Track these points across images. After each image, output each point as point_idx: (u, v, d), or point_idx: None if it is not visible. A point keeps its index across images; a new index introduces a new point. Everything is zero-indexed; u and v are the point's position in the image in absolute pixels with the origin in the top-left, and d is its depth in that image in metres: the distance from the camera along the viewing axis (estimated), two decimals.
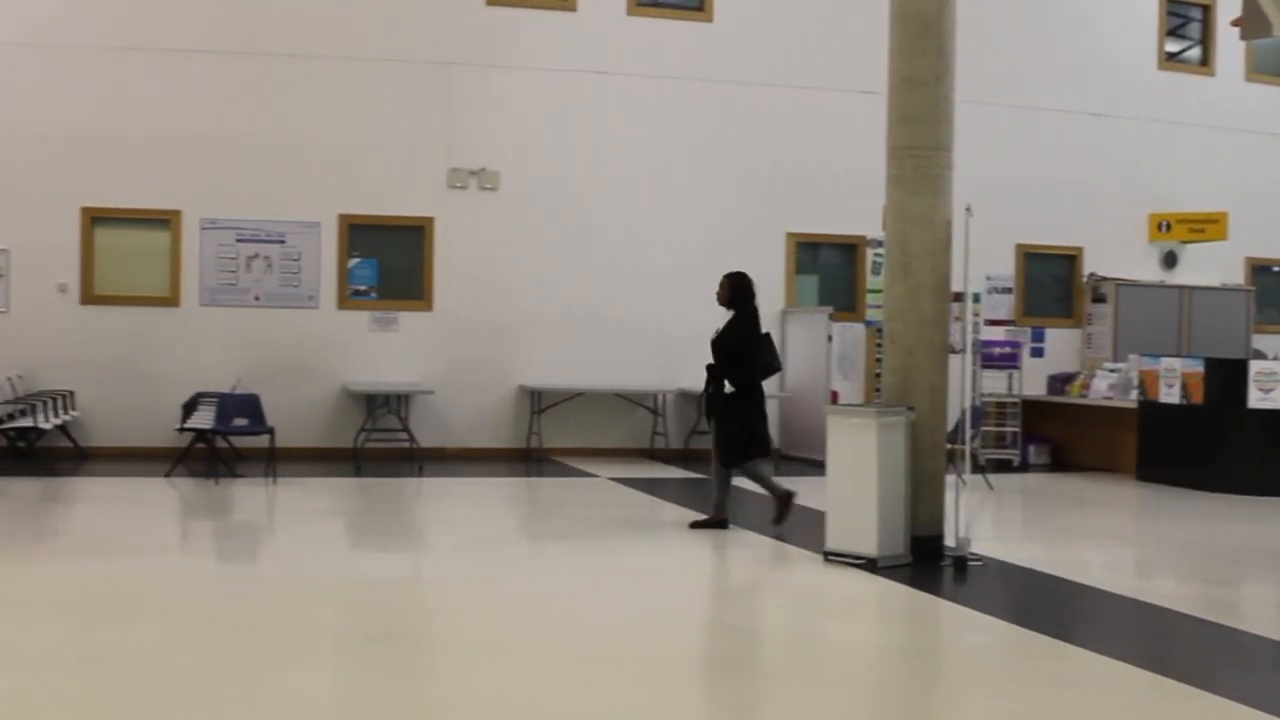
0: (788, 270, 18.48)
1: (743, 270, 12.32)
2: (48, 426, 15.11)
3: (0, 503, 13.21)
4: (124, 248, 16.81)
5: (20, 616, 8.39)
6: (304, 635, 8.00)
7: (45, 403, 15.45)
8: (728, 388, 11.67)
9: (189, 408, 15.83)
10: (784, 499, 11.93)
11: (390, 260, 17.34)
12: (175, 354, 16.66)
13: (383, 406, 16.73)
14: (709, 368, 11.82)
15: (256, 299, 16.89)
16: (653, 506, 13.74)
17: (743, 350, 11.73)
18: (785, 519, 11.89)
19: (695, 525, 11.92)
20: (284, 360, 16.78)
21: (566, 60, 17.73)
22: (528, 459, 17.16)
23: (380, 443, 16.55)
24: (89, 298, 16.62)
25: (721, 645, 8.16)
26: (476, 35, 17.47)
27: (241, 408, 14.85)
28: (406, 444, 16.41)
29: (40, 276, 16.49)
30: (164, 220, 16.75)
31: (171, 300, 16.71)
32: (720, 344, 11.82)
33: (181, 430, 15.27)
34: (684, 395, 17.73)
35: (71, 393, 16.37)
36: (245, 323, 16.82)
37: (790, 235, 18.48)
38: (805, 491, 12.12)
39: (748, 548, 11.34)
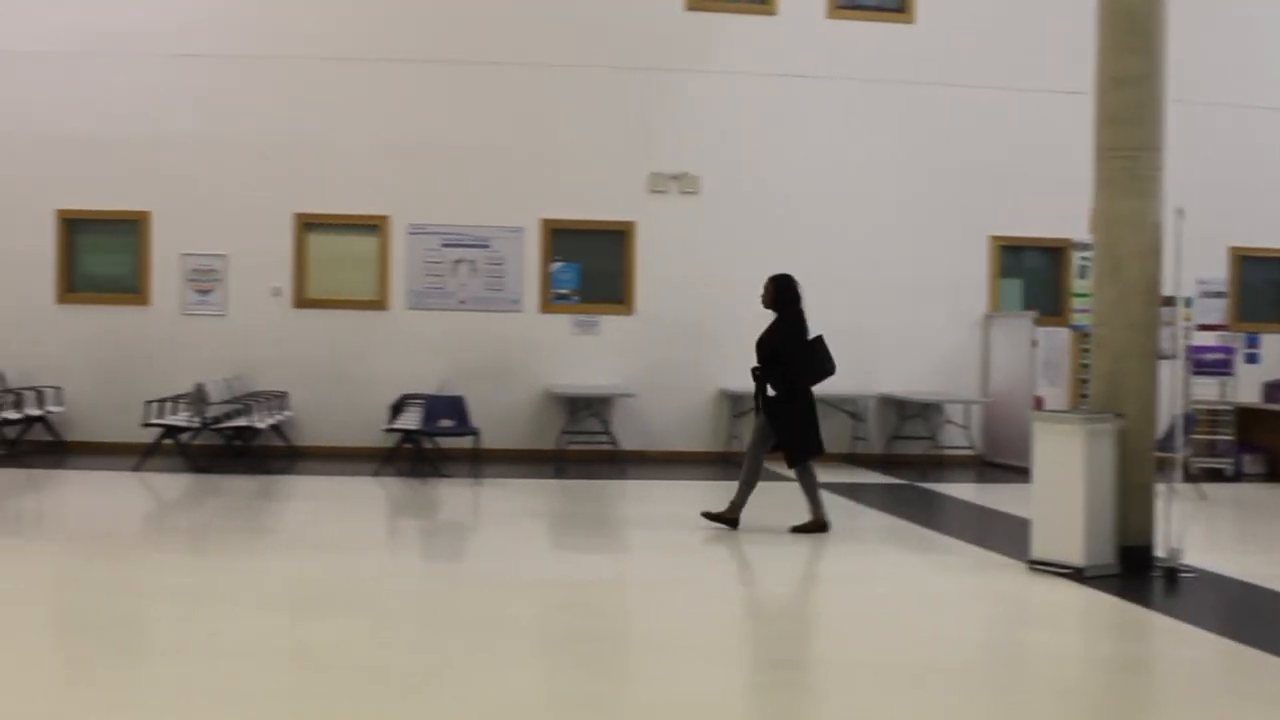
0: (990, 274, 18.19)
1: (788, 273, 12.35)
2: (262, 426, 15.59)
3: (217, 499, 13.68)
4: (335, 253, 17.27)
5: (235, 609, 8.66)
6: (507, 634, 8.12)
7: (260, 403, 15.95)
8: (770, 391, 11.67)
9: (396, 409, 16.18)
10: (819, 522, 11.71)
11: (592, 264, 17.50)
12: (383, 356, 17.05)
13: (584, 409, 16.90)
14: (753, 370, 11.82)
15: (462, 302, 17.19)
16: (853, 512, 13.64)
17: (783, 353, 11.69)
18: (804, 532, 11.65)
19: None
20: (488, 363, 17.05)
21: (766, 64, 17.70)
22: (727, 463, 17.15)
23: (582, 445, 16.72)
24: (302, 301, 17.10)
25: (926, 652, 8.06)
26: (676, 40, 17.55)
27: (447, 409, 15.14)
28: (608, 446, 16.55)
29: (256, 281, 17.02)
30: (373, 226, 17.16)
31: (380, 304, 17.10)
32: (762, 346, 11.83)
33: (389, 431, 15.61)
34: (884, 400, 17.58)
35: (285, 393, 16.86)
36: (450, 326, 17.13)
37: (993, 238, 18.18)
38: (1008, 499, 11.91)
39: (949, 554, 11.21)
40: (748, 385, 17.15)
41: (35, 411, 16.42)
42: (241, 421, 15.41)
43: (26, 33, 17.06)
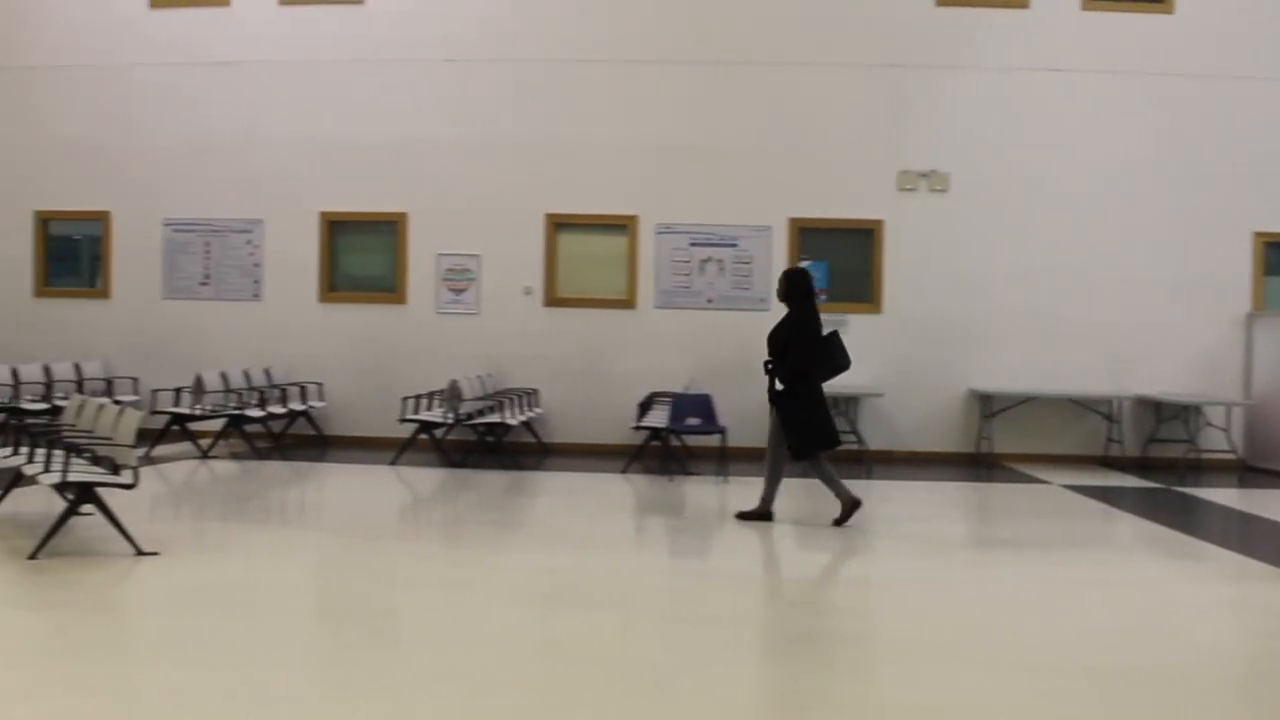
0: (1255, 271, 17.53)
1: (801, 267, 12.49)
2: (514, 422, 15.91)
3: (470, 494, 14.01)
4: (584, 252, 17.53)
5: (487, 601, 8.86)
6: (751, 631, 8.14)
7: (512, 400, 16.28)
8: (778, 385, 11.80)
9: (644, 407, 16.35)
10: (849, 505, 11.90)
11: (840, 262, 17.42)
12: (631, 354, 17.24)
13: (832, 408, 16.78)
14: (765, 363, 11.94)
15: (709, 301, 17.28)
16: (1107, 516, 13.31)
17: (791, 347, 11.75)
18: (843, 522, 11.85)
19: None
20: (735, 361, 17.10)
21: (1018, 58, 17.37)
22: (976, 464, 16.91)
23: None
24: (552, 300, 17.41)
25: (1180, 661, 7.82)
26: (926, 36, 17.34)
27: (694, 407, 15.23)
28: (854, 446, 16.45)
29: (508, 280, 17.39)
30: (622, 226, 17.36)
31: (628, 303, 17.30)
32: (773, 340, 11.92)
33: (637, 428, 15.78)
34: (1140, 401, 17.10)
35: (535, 390, 17.18)
36: (698, 324, 17.24)
37: (1258, 235, 17.50)
38: (1273, 506, 11.46)
39: (1208, 562, 10.85)
40: (999, 385, 17.00)
41: (299, 407, 17.07)
42: (494, 418, 15.75)
43: (295, 43, 17.75)
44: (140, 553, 9.70)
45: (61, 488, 9.93)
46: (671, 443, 15.68)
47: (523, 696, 6.63)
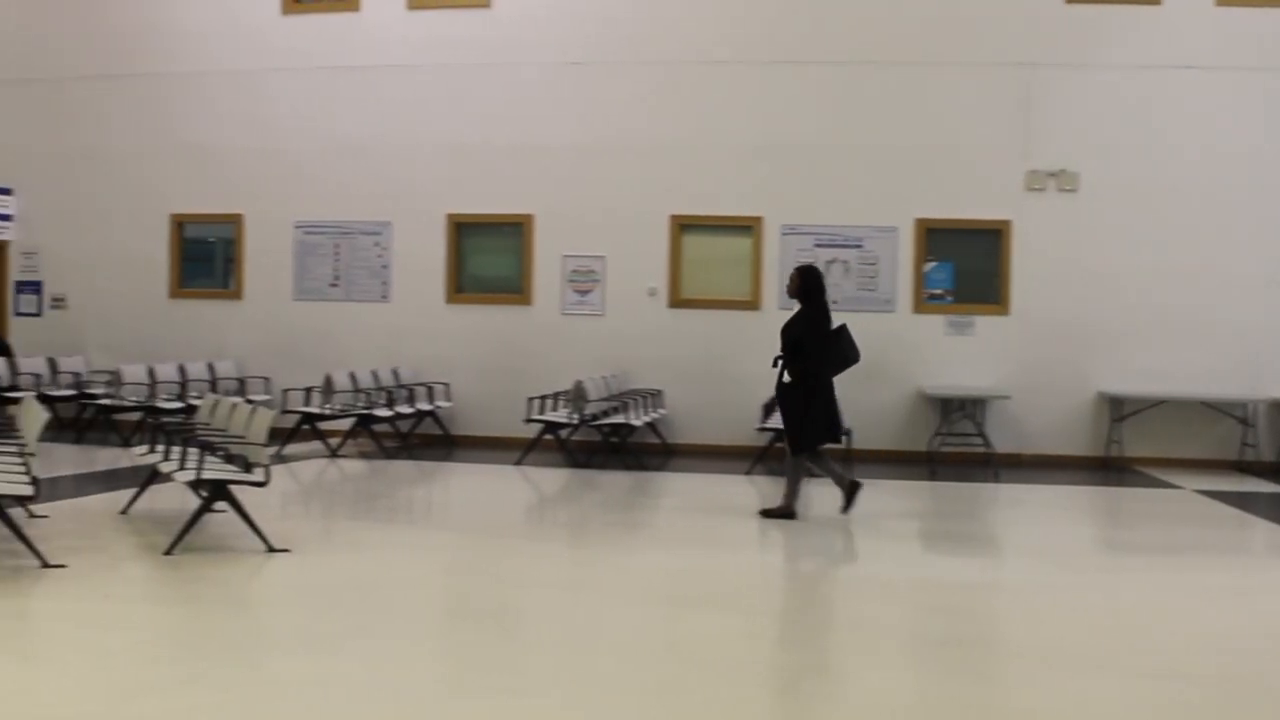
0: None
1: (813, 264, 12.75)
2: (638, 423, 15.95)
3: (594, 494, 14.08)
4: (709, 254, 17.53)
5: (611, 601, 8.90)
6: (879, 635, 8.09)
7: (636, 401, 16.33)
8: (785, 378, 11.93)
9: (769, 408, 16.30)
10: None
11: (966, 263, 17.24)
12: (756, 356, 17.11)
13: (958, 410, 16.66)
14: (775, 359, 12.02)
15: (834, 302, 17.08)
16: (1242, 522, 13.05)
17: (803, 343, 11.87)
18: (772, 517, 12.06)
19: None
20: (860, 363, 16.92)
21: (1150, 56, 17.05)
22: (1106, 468, 16.65)
23: (955, 447, 16.49)
24: (676, 301, 17.43)
25: None
26: (1056, 34, 17.08)
27: None
28: (981, 449, 16.28)
29: (633, 281, 17.44)
30: (746, 227, 17.34)
31: (752, 304, 17.26)
32: (784, 335, 12.02)
33: (761, 430, 15.75)
34: (1277, 404, 16.73)
35: (660, 391, 17.21)
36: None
37: None
38: None
39: None
40: (1129, 388, 16.73)
41: (426, 407, 17.26)
42: (618, 419, 15.81)
43: (423, 47, 17.97)
44: (271, 550, 9.87)
45: (196, 485, 10.14)
46: None
47: (648, 698, 6.65)
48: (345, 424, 16.73)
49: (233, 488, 10.09)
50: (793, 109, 17.27)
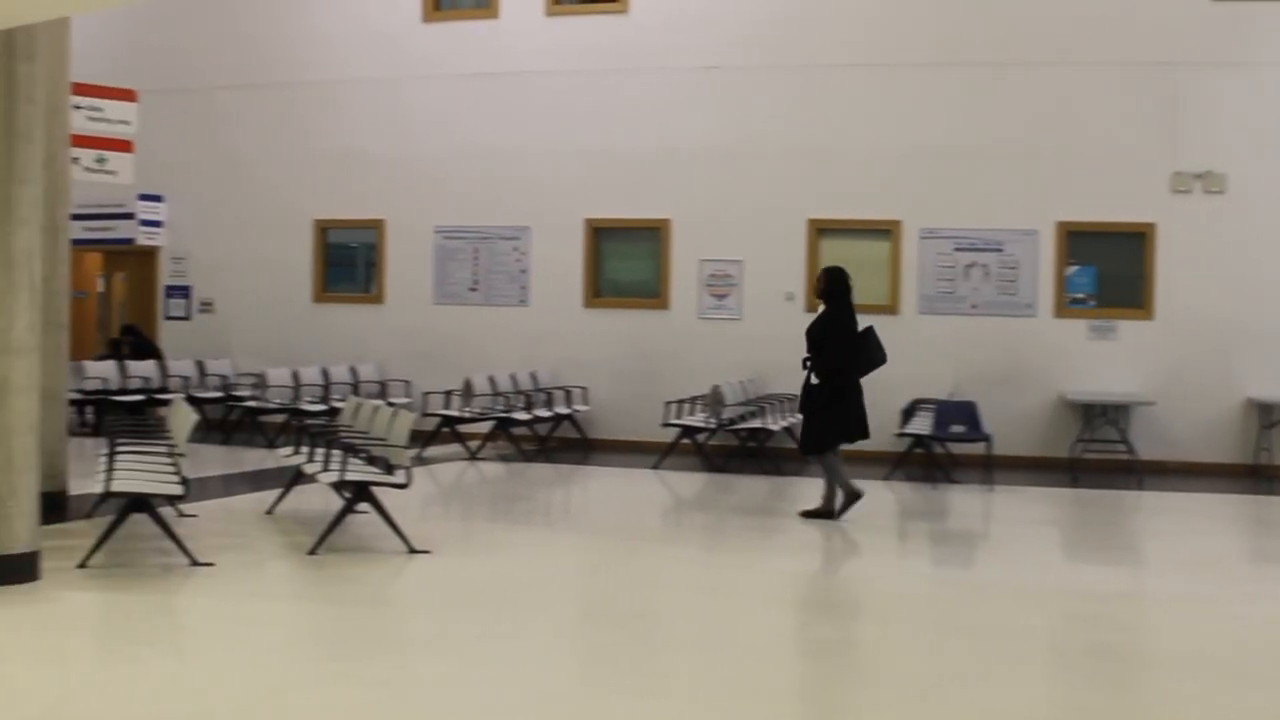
0: None
1: (840, 266, 12.67)
2: (775, 428, 15.91)
3: (731, 498, 14.09)
4: (847, 257, 17.36)
5: (748, 606, 8.89)
6: (1019, 644, 7.99)
7: (774, 405, 16.29)
8: (813, 379, 12.02)
9: (907, 413, 16.20)
10: (850, 496, 12.11)
11: (1109, 267, 16.93)
12: (894, 360, 16.90)
13: (1100, 416, 16.38)
14: (804, 360, 12.12)
15: (974, 307, 17.01)
16: None
17: (825, 344, 11.96)
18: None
19: (806, 514, 12.25)
20: (1000, 368, 16.79)
21: None
22: (1255, 476, 16.25)
23: (1098, 454, 16.21)
24: (814, 306, 17.29)
25: None
26: (1202, 33, 16.70)
27: (959, 415, 15.04)
28: (1125, 456, 15.99)
29: (770, 285, 17.39)
30: (884, 230, 17.21)
31: (891, 308, 17.13)
32: (809, 335, 12.12)
33: (900, 435, 15.64)
34: None
35: (797, 396, 17.12)
36: (962, 330, 16.97)
37: None
38: None
39: None
40: (1277, 394, 16.30)
41: (563, 410, 17.38)
42: (755, 423, 15.78)
43: (561, 53, 18.10)
44: (412, 550, 10.00)
45: (339, 486, 10.31)
46: (935, 450, 15.49)
47: (784, 702, 6.65)
48: (484, 427, 16.90)
49: (375, 489, 10.25)
50: (932, 111, 17.11)
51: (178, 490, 9.55)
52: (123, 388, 17.83)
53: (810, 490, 14.70)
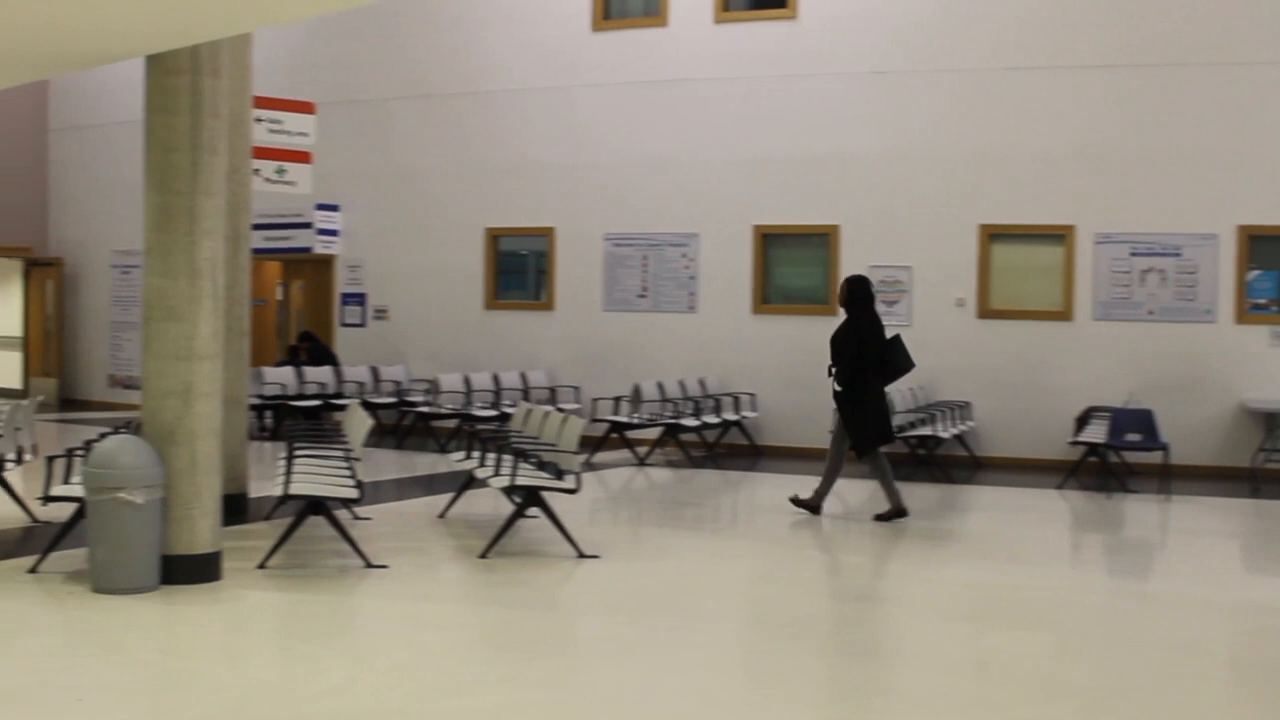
0: None
1: (863, 274, 12.98)
2: (945, 435, 15.75)
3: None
4: (1018, 263, 17.18)
5: (916, 615, 8.82)
6: (1197, 658, 7.82)
7: (944, 412, 16.12)
8: (835, 386, 12.36)
9: (1081, 421, 15.92)
10: (898, 512, 12.29)
11: None
12: (1067, 368, 16.79)
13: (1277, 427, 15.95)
14: (829, 368, 12.51)
15: (1150, 313, 16.64)
16: None
17: (844, 351, 12.31)
18: (886, 520, 12.25)
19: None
20: (1178, 375, 16.41)
21: None
22: None
23: None
24: (985, 312, 17.13)
25: None
26: None
27: (1134, 423, 14.72)
28: None
29: (940, 291, 17.22)
30: (1057, 236, 16.93)
31: (1064, 315, 16.84)
32: (831, 343, 12.53)
33: (1074, 443, 15.37)
34: None
35: (967, 403, 16.95)
36: (1138, 337, 16.61)
37: None
38: None
39: None
40: None
41: (732, 416, 17.38)
42: (925, 430, 15.63)
43: (730, 60, 18.13)
44: (582, 555, 10.09)
45: (510, 491, 10.44)
46: (1110, 459, 15.19)
47: (953, 714, 6.58)
48: (653, 433, 16.98)
49: (545, 494, 10.36)
50: (1105, 114, 16.78)
51: (353, 494, 9.76)
52: (300, 393, 18.27)
53: (983, 498, 14.55)
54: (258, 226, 13.83)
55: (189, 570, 8.86)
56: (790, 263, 18.19)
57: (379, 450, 16.30)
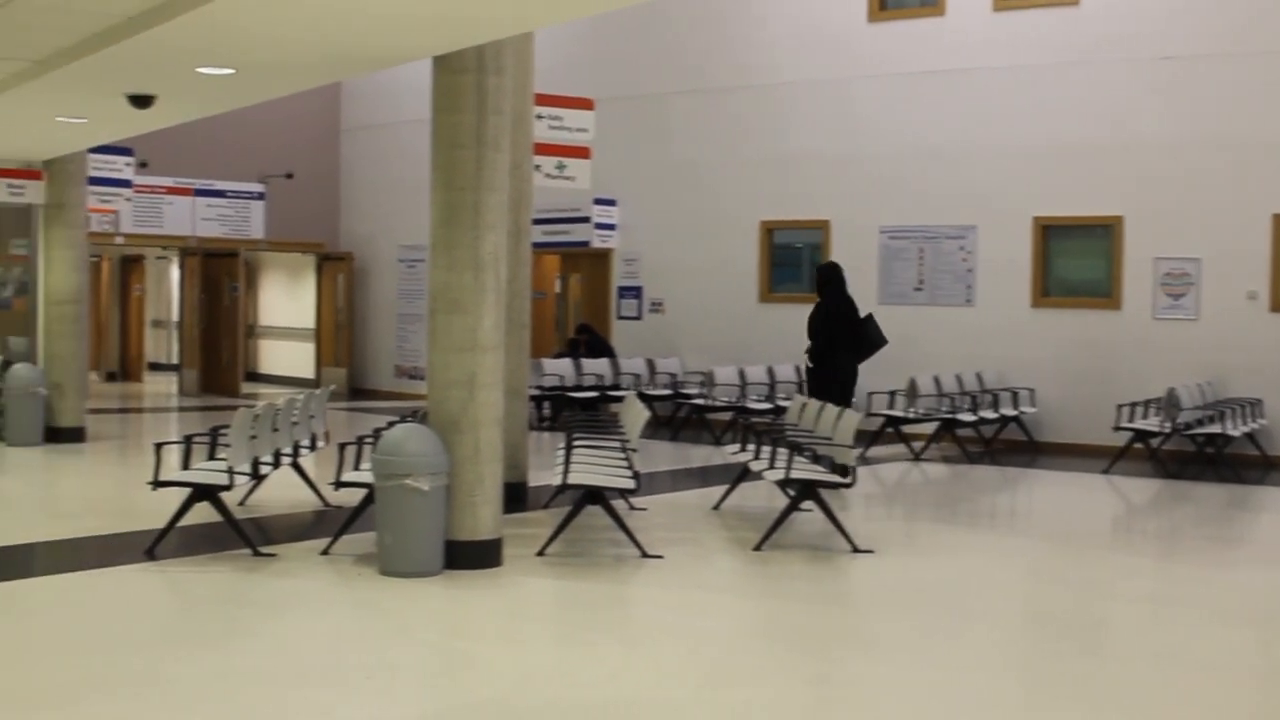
0: None
1: (831, 261, 15.10)
2: (1235, 433, 15.17)
3: (1187, 507, 13.53)
4: None
5: (1203, 619, 8.54)
6: None
7: (1234, 410, 15.53)
8: (808, 363, 14.01)
9: None
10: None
11: None
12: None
13: None
14: (806, 349, 14.09)
15: None
16: None
17: (818, 330, 13.86)
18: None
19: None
20: None
21: None
22: None
23: None
24: (1278, 305, 16.44)
25: None
26: None
27: None
28: None
29: (1230, 284, 16.56)
30: None
31: None
32: (808, 324, 14.09)
33: None
34: None
35: (1259, 400, 16.29)
36: None
37: None
38: None
39: None
40: None
41: (1010, 412, 17.06)
42: (1214, 428, 15.09)
43: (1008, 48, 17.78)
44: (856, 550, 10.06)
45: (785, 484, 10.46)
46: None
47: None
48: (928, 428, 16.78)
49: (820, 488, 10.35)
50: None
51: (630, 484, 9.92)
52: (578, 384, 18.62)
53: (1276, 499, 13.97)
54: (537, 221, 14.12)
55: (471, 556, 9.12)
56: (1071, 254, 17.75)
57: (654, 442, 16.50)
